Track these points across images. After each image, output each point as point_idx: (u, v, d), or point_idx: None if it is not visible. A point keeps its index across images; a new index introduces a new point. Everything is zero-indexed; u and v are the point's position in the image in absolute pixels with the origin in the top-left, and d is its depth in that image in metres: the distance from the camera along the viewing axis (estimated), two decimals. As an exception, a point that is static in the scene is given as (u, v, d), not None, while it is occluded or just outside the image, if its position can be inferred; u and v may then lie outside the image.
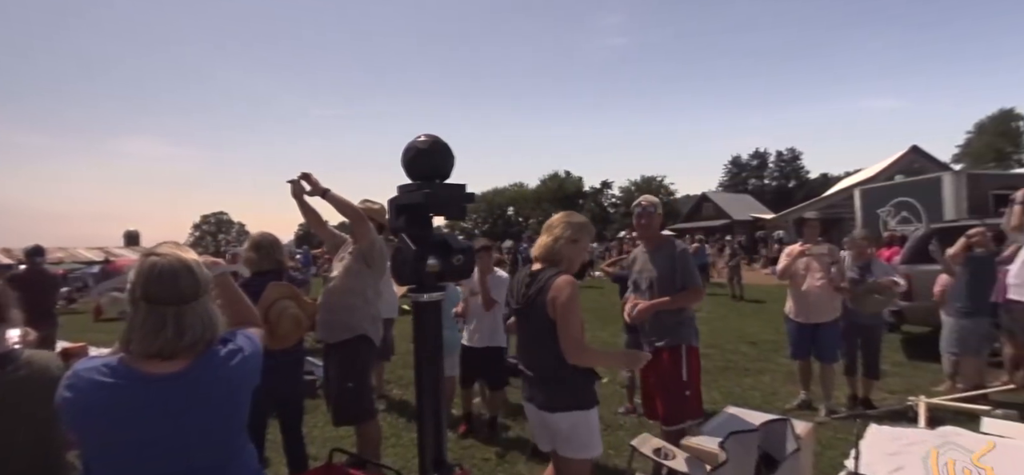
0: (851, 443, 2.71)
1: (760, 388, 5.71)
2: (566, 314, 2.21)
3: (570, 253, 2.40)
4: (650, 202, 3.49)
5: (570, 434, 2.30)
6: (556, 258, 2.38)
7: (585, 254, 2.50)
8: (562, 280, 2.25)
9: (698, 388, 3.36)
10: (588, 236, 2.47)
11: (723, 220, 37.47)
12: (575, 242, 2.41)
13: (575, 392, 2.28)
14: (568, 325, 2.21)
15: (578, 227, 2.43)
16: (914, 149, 26.37)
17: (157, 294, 1.29)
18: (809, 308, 4.77)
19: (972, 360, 4.92)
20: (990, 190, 8.77)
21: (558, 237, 2.39)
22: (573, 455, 2.32)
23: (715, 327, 9.52)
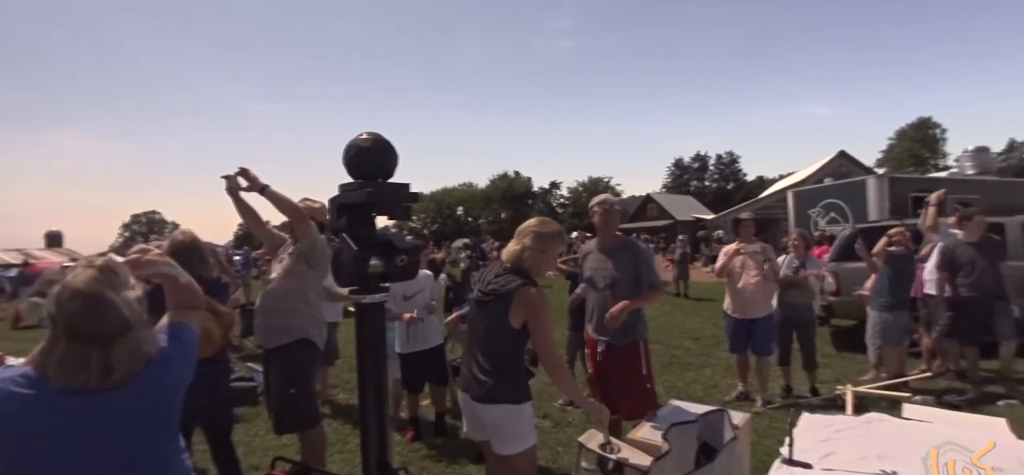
0: (785, 431, 2.84)
1: (702, 381, 5.91)
2: (541, 328, 2.31)
3: (537, 262, 2.44)
4: (613, 201, 3.55)
5: (499, 426, 2.34)
6: (523, 265, 2.41)
7: (553, 262, 2.54)
8: (534, 295, 2.31)
9: (653, 380, 3.50)
10: (557, 246, 2.51)
11: (667, 220, 38.67)
12: (543, 252, 2.44)
13: (510, 387, 2.33)
14: (543, 337, 2.32)
15: (547, 237, 2.46)
16: (842, 154, 28.09)
17: (80, 331, 1.16)
18: (745, 304, 5.00)
19: (894, 350, 5.31)
20: (909, 192, 9.43)
21: (526, 247, 2.42)
22: (508, 451, 2.35)
23: (660, 324, 9.78)
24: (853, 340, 6.72)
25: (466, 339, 2.56)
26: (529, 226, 2.49)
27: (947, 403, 4.63)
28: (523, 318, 2.32)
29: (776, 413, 4.66)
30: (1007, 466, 2.53)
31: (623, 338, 3.33)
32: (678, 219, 37.95)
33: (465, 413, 2.55)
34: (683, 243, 15.86)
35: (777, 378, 5.35)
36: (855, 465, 2.60)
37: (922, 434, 2.93)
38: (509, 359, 2.37)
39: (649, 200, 44.92)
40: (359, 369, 1.69)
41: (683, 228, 32.45)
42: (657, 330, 9.04)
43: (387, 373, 1.76)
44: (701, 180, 61.71)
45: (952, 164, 33.50)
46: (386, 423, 1.69)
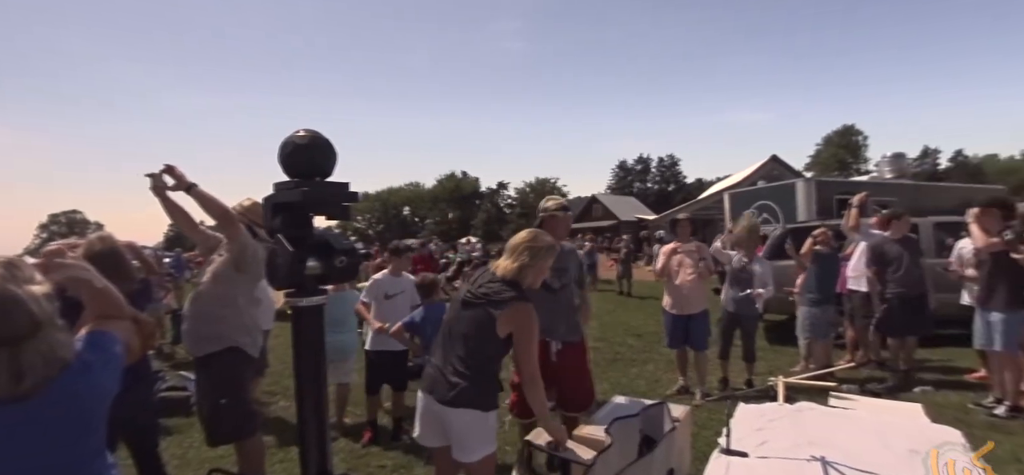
0: (723, 422, 2.95)
1: (645, 377, 6.07)
2: (527, 345, 2.34)
3: (532, 277, 2.47)
4: (559, 204, 3.64)
5: (463, 432, 2.30)
6: (518, 279, 2.42)
7: (543, 275, 2.56)
8: (527, 310, 2.33)
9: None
10: (550, 259, 2.54)
11: (611, 221, 39.56)
12: (538, 268, 2.48)
13: (480, 393, 2.31)
14: (528, 355, 2.35)
15: (542, 252, 2.49)
16: (774, 158, 29.58)
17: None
18: (682, 301, 5.20)
19: (821, 343, 5.65)
20: (834, 195, 10.06)
21: (524, 265, 2.44)
22: (468, 457, 2.32)
23: (604, 322, 9.99)
24: (784, 334, 7.08)
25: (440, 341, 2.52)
26: (523, 243, 2.49)
27: (869, 391, 4.97)
28: (510, 330, 2.33)
29: (714, 405, 4.84)
30: (921, 448, 2.73)
31: (574, 336, 3.48)
32: (622, 219, 38.90)
33: (423, 418, 2.47)
34: (627, 243, 16.25)
35: (715, 371, 5.56)
36: (787, 452, 2.73)
37: (847, 420, 3.11)
38: (486, 365, 2.36)
39: (594, 201, 45.84)
40: (296, 375, 1.62)
41: (627, 228, 33.28)
42: (602, 328, 9.24)
43: (326, 378, 1.69)
44: (644, 182, 63.51)
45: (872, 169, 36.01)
46: (325, 430, 1.63)
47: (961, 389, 5.13)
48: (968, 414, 4.46)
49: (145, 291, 3.08)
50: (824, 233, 5.70)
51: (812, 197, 9.79)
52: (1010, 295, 4.37)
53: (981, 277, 4.66)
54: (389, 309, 4.40)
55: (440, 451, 2.47)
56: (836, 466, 2.50)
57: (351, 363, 4.68)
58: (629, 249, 15.59)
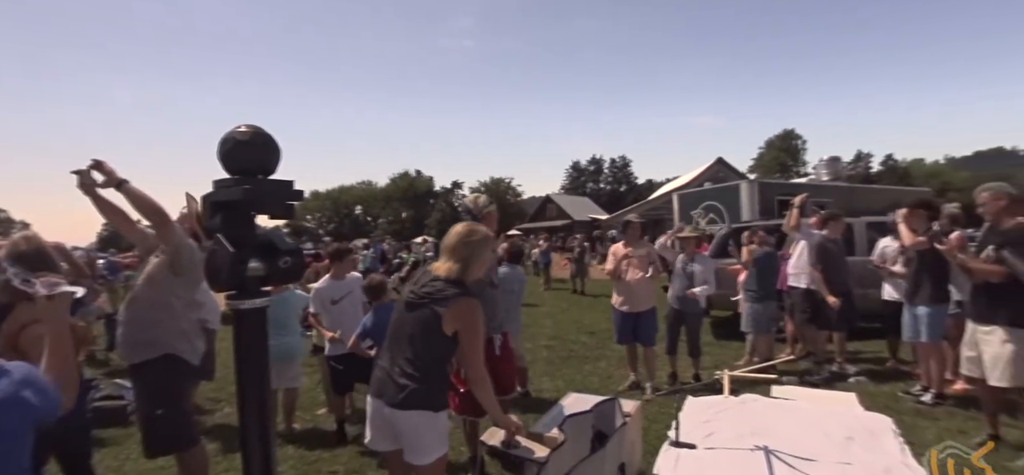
0: (673, 415, 3.03)
1: (598, 373, 6.16)
2: (473, 340, 2.30)
3: (474, 270, 2.43)
4: (480, 204, 3.66)
5: (414, 434, 2.27)
6: (461, 276, 2.38)
7: (485, 266, 2.53)
8: (469, 304, 2.29)
9: None
10: (488, 249, 2.51)
11: (565, 220, 40.05)
12: (479, 261, 2.44)
13: (430, 393, 2.28)
14: (474, 351, 2.31)
15: (478, 245, 2.44)
16: (720, 160, 30.64)
17: None
18: (631, 298, 5.35)
19: (764, 337, 5.90)
20: (775, 196, 10.53)
21: (464, 259, 2.39)
22: (420, 460, 2.28)
23: (559, 320, 10.09)
24: (730, 329, 7.34)
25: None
26: (461, 238, 2.42)
27: (808, 382, 5.21)
28: (456, 327, 2.29)
29: (664, 399, 4.96)
30: (857, 434, 2.88)
31: (498, 330, 3.62)
32: (576, 219, 39.43)
33: (373, 422, 2.41)
34: (580, 242, 16.47)
35: (665, 366, 5.71)
36: (733, 442, 2.83)
37: (788, 410, 3.25)
38: (435, 366, 2.32)
39: (548, 201, 46.29)
40: (239, 380, 1.55)
41: (580, 228, 33.75)
42: (556, 326, 9.34)
43: (269, 383, 1.63)
44: (597, 182, 64.58)
45: (810, 171, 37.88)
46: (270, 439, 1.57)
47: (892, 379, 5.46)
48: (898, 402, 4.74)
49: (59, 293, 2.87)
50: (759, 234, 6.03)
51: (755, 198, 10.21)
52: (934, 290, 4.68)
53: (908, 274, 4.97)
54: (337, 314, 4.33)
55: (392, 455, 2.43)
56: (778, 454, 2.61)
57: (298, 367, 4.54)
58: (583, 248, 15.82)
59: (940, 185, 41.02)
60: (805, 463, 2.54)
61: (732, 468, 2.56)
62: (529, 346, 7.50)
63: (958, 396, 4.67)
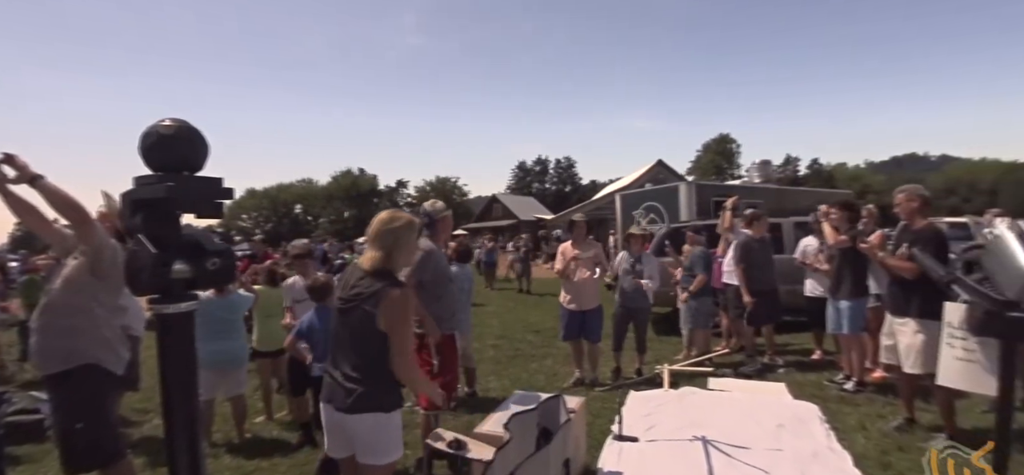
0: (616, 410, 3.09)
1: (544, 371, 6.22)
2: (402, 329, 2.22)
3: (398, 261, 2.36)
4: (436, 207, 3.64)
5: (369, 437, 2.22)
6: (388, 266, 2.30)
7: (413, 253, 2.47)
8: (397, 294, 2.21)
9: None
10: (412, 235, 2.42)
11: (511, 220, 40.21)
12: (402, 248, 2.36)
13: (380, 395, 2.22)
14: (402, 340, 2.22)
15: (401, 232, 2.36)
16: (660, 163, 31.66)
17: None
18: (579, 297, 5.44)
19: (701, 332, 6.14)
20: (712, 197, 10.99)
21: (387, 248, 2.31)
22: (374, 461, 2.23)
23: (505, 319, 10.12)
24: (669, 325, 7.58)
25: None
26: (383, 227, 2.34)
27: (741, 374, 5.45)
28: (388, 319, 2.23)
29: (608, 394, 5.06)
30: (787, 422, 3.03)
31: (446, 329, 3.52)
32: (521, 219, 39.66)
33: (328, 428, 2.34)
34: (526, 242, 16.59)
35: (607, 362, 5.83)
36: (673, 433, 2.92)
37: (723, 401, 3.38)
38: (378, 364, 2.24)
39: (495, 200, 46.31)
40: (164, 390, 1.44)
41: (526, 227, 33.99)
42: (502, 326, 9.35)
43: (197, 393, 1.53)
44: (542, 182, 65.25)
45: (744, 174, 39.78)
46: (198, 453, 1.47)
47: (817, 369, 5.79)
48: (823, 390, 5.04)
49: None
50: (692, 235, 6.36)
51: (693, 199, 10.60)
52: (855, 286, 5.00)
53: (831, 270, 5.28)
54: (300, 314, 4.30)
55: (347, 461, 2.36)
56: (715, 443, 2.71)
57: (243, 373, 4.34)
58: (528, 248, 15.93)
59: (860, 187, 44.14)
60: (740, 451, 2.65)
61: (672, 459, 2.65)
62: (476, 346, 7.47)
63: (877, 383, 5.01)
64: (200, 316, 4.46)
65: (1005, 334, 1.27)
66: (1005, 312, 1.27)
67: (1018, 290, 1.27)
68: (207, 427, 4.17)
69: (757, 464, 2.52)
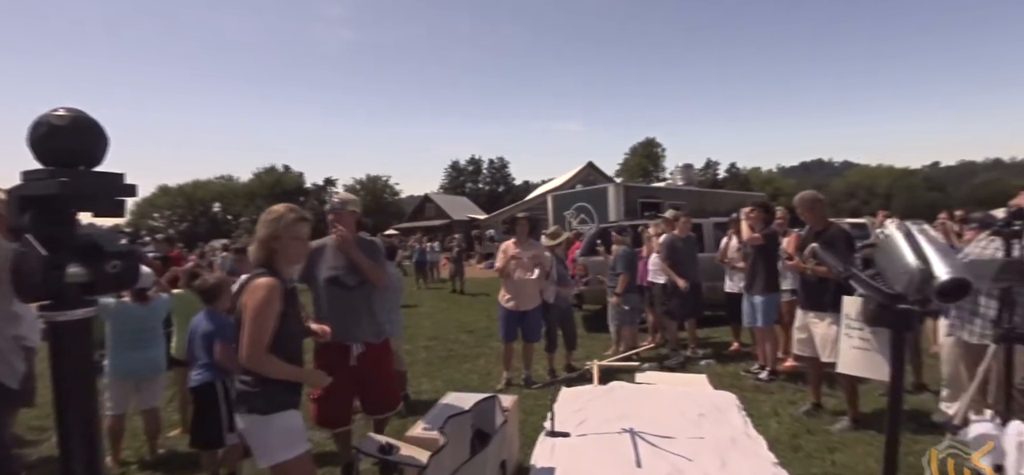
0: (549, 407, 3.14)
1: (478, 371, 6.21)
2: (251, 317, 2.08)
3: (286, 252, 2.25)
4: (343, 200, 3.38)
5: (249, 438, 2.20)
6: (268, 260, 2.22)
7: (297, 245, 2.30)
8: (258, 283, 2.13)
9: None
10: (295, 227, 2.27)
11: (444, 220, 39.85)
12: (279, 239, 2.23)
13: (255, 396, 2.14)
14: (249, 328, 2.08)
15: (273, 223, 2.24)
16: (590, 165, 32.47)
17: None
18: (519, 297, 5.44)
19: (628, 329, 6.34)
20: (638, 199, 11.41)
21: (262, 241, 2.23)
22: (263, 462, 2.18)
23: (438, 320, 10.02)
24: (598, 322, 7.79)
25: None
26: (260, 222, 2.29)
27: (667, 367, 5.69)
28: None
29: (540, 392, 5.13)
30: (708, 411, 3.18)
31: (375, 337, 3.32)
32: (454, 219, 39.42)
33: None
34: (459, 242, 16.51)
35: (540, 360, 5.91)
36: (603, 427, 2.99)
37: (650, 394, 3.51)
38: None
39: (427, 200, 45.74)
40: (58, 407, 1.31)
41: (459, 227, 33.83)
42: (435, 326, 9.26)
43: (98, 407, 1.40)
44: (475, 182, 65.15)
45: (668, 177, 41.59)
46: (98, 472, 1.35)
47: (735, 360, 6.14)
48: (740, 380, 5.35)
49: None
50: (617, 237, 6.57)
51: (621, 200, 10.97)
52: (767, 281, 5.35)
53: (746, 267, 5.62)
54: None
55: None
56: (642, 435, 2.81)
57: (160, 384, 4.03)
58: (461, 248, 15.87)
59: (773, 190, 47.35)
60: (665, 440, 2.76)
61: (602, 451, 2.71)
62: (408, 347, 7.34)
63: (788, 372, 5.38)
64: (118, 324, 4.04)
65: (895, 325, 1.40)
66: (895, 305, 1.39)
67: (905, 284, 1.40)
68: (117, 444, 3.85)
69: (681, 452, 2.63)
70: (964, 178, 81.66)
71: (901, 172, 65.11)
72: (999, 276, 2.71)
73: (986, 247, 3.29)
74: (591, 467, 2.57)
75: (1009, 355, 2.39)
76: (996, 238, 2.90)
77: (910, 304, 1.38)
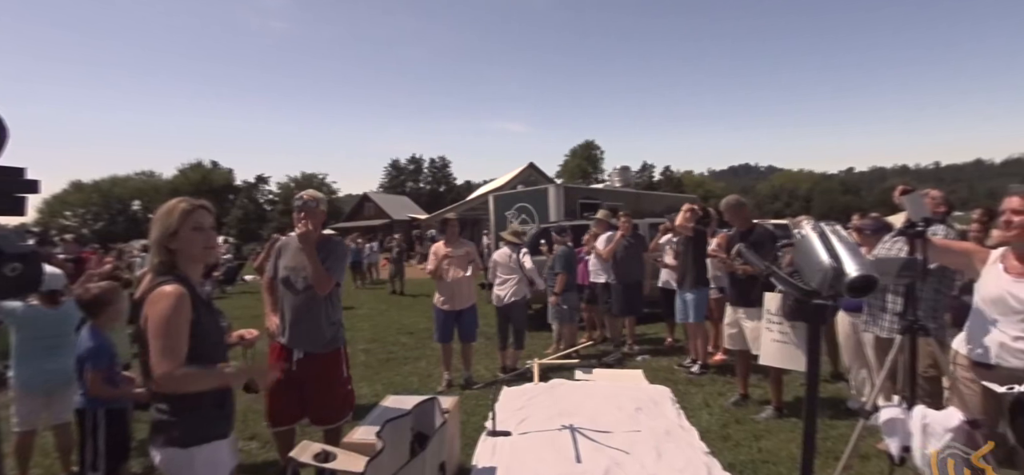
0: (490, 407, 3.15)
1: (418, 373, 6.13)
2: (156, 333, 1.75)
3: (183, 249, 1.90)
4: (312, 196, 3.24)
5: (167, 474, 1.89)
6: (168, 262, 1.90)
7: (197, 237, 1.95)
8: (159, 292, 1.79)
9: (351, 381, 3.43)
10: (186, 220, 1.91)
11: (383, 220, 39.12)
12: (173, 236, 1.89)
13: (171, 424, 1.83)
14: (155, 346, 1.74)
15: (162, 220, 1.90)
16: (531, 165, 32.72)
17: None
18: (453, 297, 5.42)
19: (568, 327, 6.46)
20: (578, 200, 11.63)
21: (156, 242, 1.89)
22: None
23: (377, 322, 9.82)
24: (539, 321, 7.89)
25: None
26: (152, 224, 1.96)
27: (605, 363, 5.84)
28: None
29: (482, 392, 5.13)
30: (644, 404, 3.29)
31: (326, 346, 3.17)
32: (394, 218, 38.76)
33: None
34: (399, 242, 16.24)
35: (482, 360, 5.91)
36: (543, 424, 3.04)
37: (589, 390, 3.59)
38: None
39: (366, 199, 44.72)
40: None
41: (399, 227, 33.28)
42: (374, 328, 9.07)
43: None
44: (416, 181, 64.37)
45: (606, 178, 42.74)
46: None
47: (669, 355, 6.38)
48: (674, 374, 5.56)
49: None
50: (556, 236, 6.71)
51: (561, 201, 11.13)
52: (698, 278, 5.59)
53: (678, 265, 5.86)
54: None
55: None
56: (581, 430, 2.87)
57: (72, 396, 3.69)
58: (401, 248, 15.62)
59: (704, 193, 49.62)
60: (603, 434, 2.83)
61: (543, 448, 2.75)
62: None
63: (718, 364, 5.64)
64: (25, 331, 3.66)
65: (810, 318, 1.50)
66: (810, 300, 1.49)
67: (819, 281, 1.51)
68: (25, 463, 3.50)
69: (618, 445, 2.71)
70: (875, 182, 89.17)
71: (820, 177, 70.18)
72: (902, 273, 2.96)
73: (891, 247, 3.58)
74: (532, 464, 2.61)
75: (913, 346, 2.60)
76: (900, 239, 3.16)
77: (824, 299, 1.49)
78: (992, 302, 2.30)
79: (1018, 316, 2.21)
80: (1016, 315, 2.22)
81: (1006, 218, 2.28)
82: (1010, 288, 2.24)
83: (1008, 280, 2.27)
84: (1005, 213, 2.30)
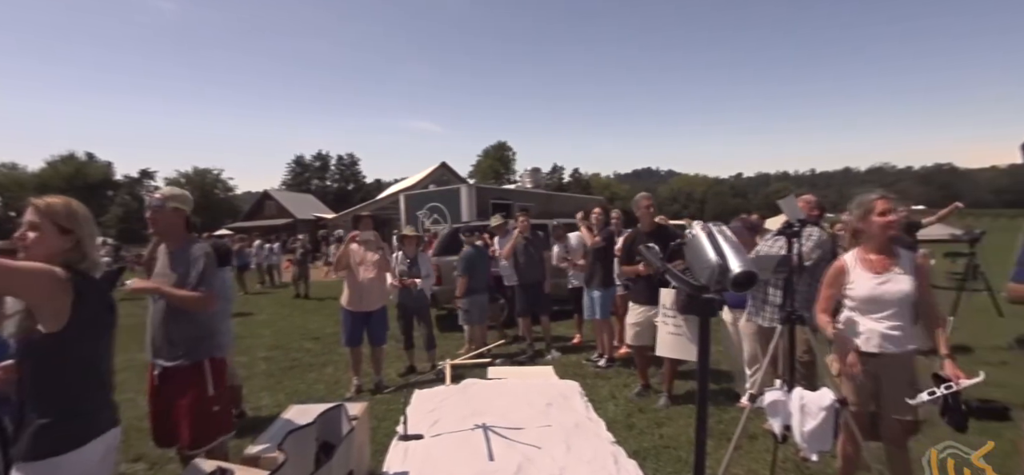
0: (401, 410, 3.10)
1: (324, 380, 5.89)
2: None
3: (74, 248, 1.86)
4: (164, 195, 2.91)
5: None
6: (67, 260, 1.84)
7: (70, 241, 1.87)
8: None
9: (227, 401, 3.02)
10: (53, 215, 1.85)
11: (286, 219, 37.16)
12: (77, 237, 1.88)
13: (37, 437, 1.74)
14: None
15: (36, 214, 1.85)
16: (443, 165, 32.57)
17: None
18: (362, 297, 5.24)
19: (478, 328, 6.50)
20: (489, 200, 11.71)
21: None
22: None
23: (279, 328, 9.33)
24: (451, 322, 7.88)
25: None
26: None
27: (517, 361, 5.94)
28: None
29: (392, 396, 5.04)
30: (554, 400, 3.39)
31: (185, 358, 2.82)
32: (299, 218, 36.96)
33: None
34: (303, 242, 15.50)
35: (392, 362, 5.80)
36: (456, 425, 3.04)
37: (501, 388, 3.64)
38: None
39: (267, 197, 42.22)
40: None
41: (304, 227, 31.79)
42: (276, 334, 8.61)
43: None
44: (322, 179, 61.78)
45: (518, 179, 43.46)
46: None
47: (578, 351, 6.61)
48: (582, 368, 5.78)
49: None
50: (469, 238, 6.75)
51: (473, 201, 11.17)
52: (605, 277, 5.86)
53: (586, 265, 6.11)
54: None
55: None
56: (494, 429, 2.91)
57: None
58: (306, 249, 14.91)
59: (610, 194, 51.92)
60: (515, 432, 2.89)
61: (456, 449, 2.76)
62: (245, 359, 6.73)
63: (622, 358, 5.93)
64: None
65: (701, 312, 1.64)
66: (700, 295, 1.63)
67: (708, 277, 1.65)
68: None
69: (530, 441, 2.77)
70: (760, 187, 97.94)
71: (713, 181, 76.04)
72: (778, 269, 3.29)
73: (772, 245, 3.95)
74: (445, 466, 2.60)
75: (791, 334, 2.90)
76: (780, 238, 3.50)
77: (712, 294, 1.63)
78: (866, 301, 2.64)
79: (892, 309, 2.58)
80: (891, 308, 2.58)
81: (886, 220, 2.60)
82: (879, 287, 2.60)
83: (875, 281, 2.62)
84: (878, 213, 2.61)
